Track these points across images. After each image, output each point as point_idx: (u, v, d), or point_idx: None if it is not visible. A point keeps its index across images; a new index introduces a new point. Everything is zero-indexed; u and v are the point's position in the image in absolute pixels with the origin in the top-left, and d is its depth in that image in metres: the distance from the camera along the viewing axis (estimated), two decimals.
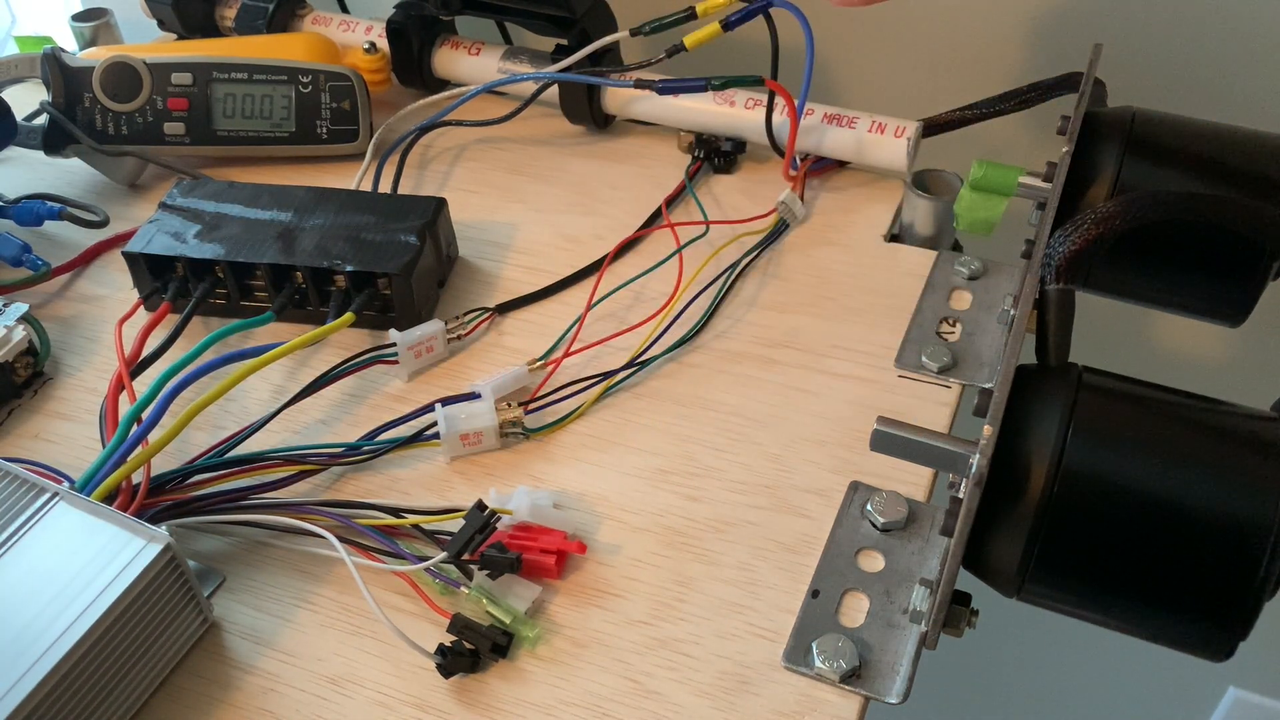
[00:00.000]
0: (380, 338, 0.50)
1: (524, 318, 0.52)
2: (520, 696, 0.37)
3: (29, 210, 0.57)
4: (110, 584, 0.35)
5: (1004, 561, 0.33)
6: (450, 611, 0.39)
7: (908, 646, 0.38)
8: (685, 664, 0.38)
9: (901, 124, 0.55)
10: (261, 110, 0.61)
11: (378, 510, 0.42)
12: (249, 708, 0.38)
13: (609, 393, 0.48)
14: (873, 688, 0.37)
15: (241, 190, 0.54)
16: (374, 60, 0.65)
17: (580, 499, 0.44)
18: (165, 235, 0.51)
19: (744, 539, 0.42)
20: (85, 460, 0.45)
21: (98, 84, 0.60)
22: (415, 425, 0.45)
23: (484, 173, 0.62)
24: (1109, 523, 0.32)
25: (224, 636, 0.40)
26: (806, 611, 0.39)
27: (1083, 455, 0.32)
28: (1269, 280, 0.41)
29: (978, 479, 0.31)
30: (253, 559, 0.42)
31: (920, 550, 0.41)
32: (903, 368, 0.47)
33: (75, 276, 0.57)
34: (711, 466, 0.44)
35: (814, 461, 0.44)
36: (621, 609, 0.40)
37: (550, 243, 0.56)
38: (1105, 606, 0.34)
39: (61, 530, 0.37)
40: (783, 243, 0.55)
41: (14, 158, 0.65)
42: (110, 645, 0.35)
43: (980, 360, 0.47)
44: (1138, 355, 0.73)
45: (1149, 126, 0.43)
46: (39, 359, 0.51)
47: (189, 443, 0.46)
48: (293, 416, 0.47)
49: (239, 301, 0.52)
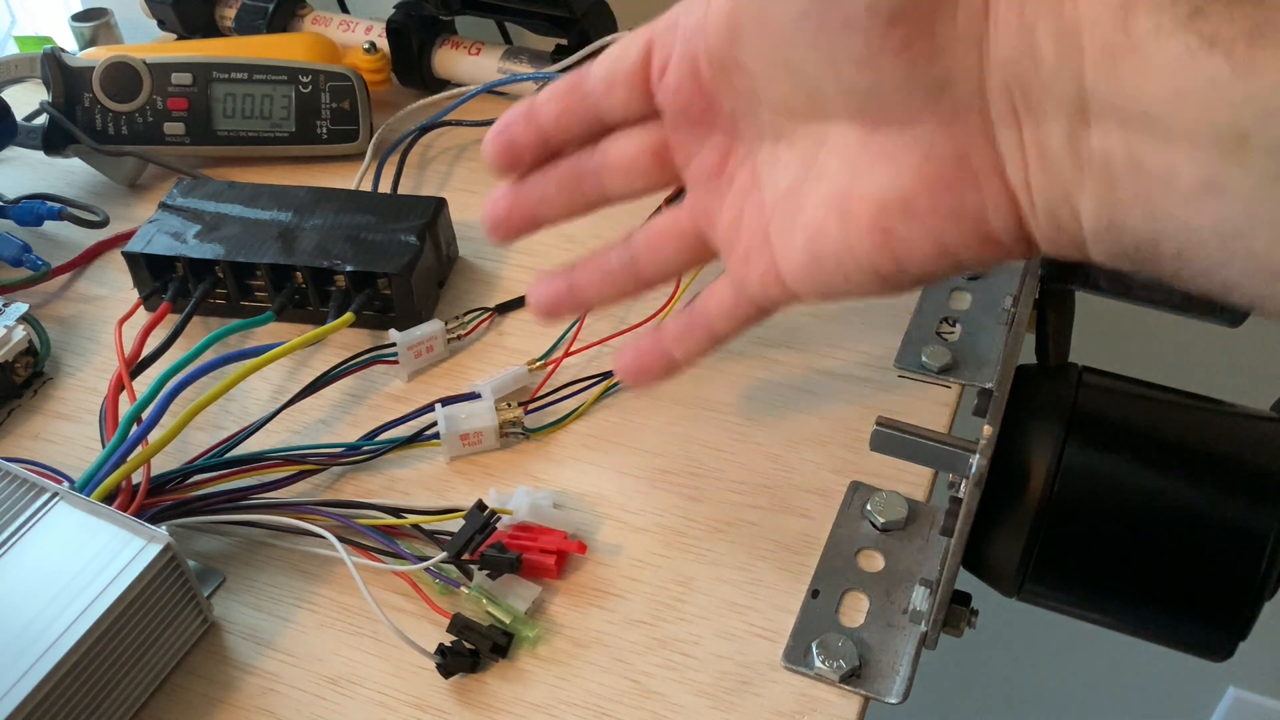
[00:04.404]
0: (380, 338, 0.50)
1: (524, 318, 0.52)
2: (520, 696, 0.37)
3: (29, 210, 0.57)
4: (110, 584, 0.35)
5: (1004, 561, 0.33)
6: (450, 611, 0.39)
7: (908, 646, 0.38)
8: (685, 664, 0.38)
9: None
10: (261, 110, 0.61)
11: (378, 510, 0.42)
12: (249, 708, 0.38)
13: (609, 393, 0.48)
14: (872, 688, 0.37)
15: (241, 190, 0.54)
16: (374, 60, 0.65)
17: (580, 499, 0.44)
18: (165, 235, 0.51)
19: (744, 539, 0.42)
20: (85, 460, 0.45)
21: (98, 84, 0.60)
22: (415, 425, 0.45)
23: (484, 173, 0.61)
24: (1109, 523, 0.32)
25: (224, 636, 0.40)
26: (806, 611, 0.39)
27: (1082, 455, 0.32)
28: None
29: (978, 479, 0.31)
30: (253, 559, 0.42)
31: (920, 550, 0.41)
32: (903, 368, 0.47)
33: (75, 276, 0.57)
34: (711, 466, 0.44)
35: (814, 461, 0.44)
36: (621, 609, 0.40)
37: (550, 243, 0.56)
38: (1105, 606, 0.34)
39: (61, 530, 0.37)
40: None
41: (14, 158, 0.65)
42: (110, 645, 0.35)
43: (980, 360, 0.47)
44: (1138, 355, 0.73)
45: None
46: (39, 359, 0.51)
47: (189, 443, 0.46)
48: (293, 416, 0.47)
49: (239, 301, 0.52)
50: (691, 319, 0.36)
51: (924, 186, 0.28)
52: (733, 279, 0.35)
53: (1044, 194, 0.26)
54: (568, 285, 0.38)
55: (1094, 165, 0.24)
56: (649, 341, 0.37)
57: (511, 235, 0.38)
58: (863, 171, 0.29)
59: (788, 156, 0.32)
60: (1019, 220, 0.27)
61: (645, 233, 0.37)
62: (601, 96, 0.35)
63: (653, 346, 0.37)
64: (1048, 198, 0.26)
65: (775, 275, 0.32)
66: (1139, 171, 0.24)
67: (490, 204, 0.37)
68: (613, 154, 0.36)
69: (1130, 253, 0.25)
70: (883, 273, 0.29)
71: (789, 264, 0.32)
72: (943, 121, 0.27)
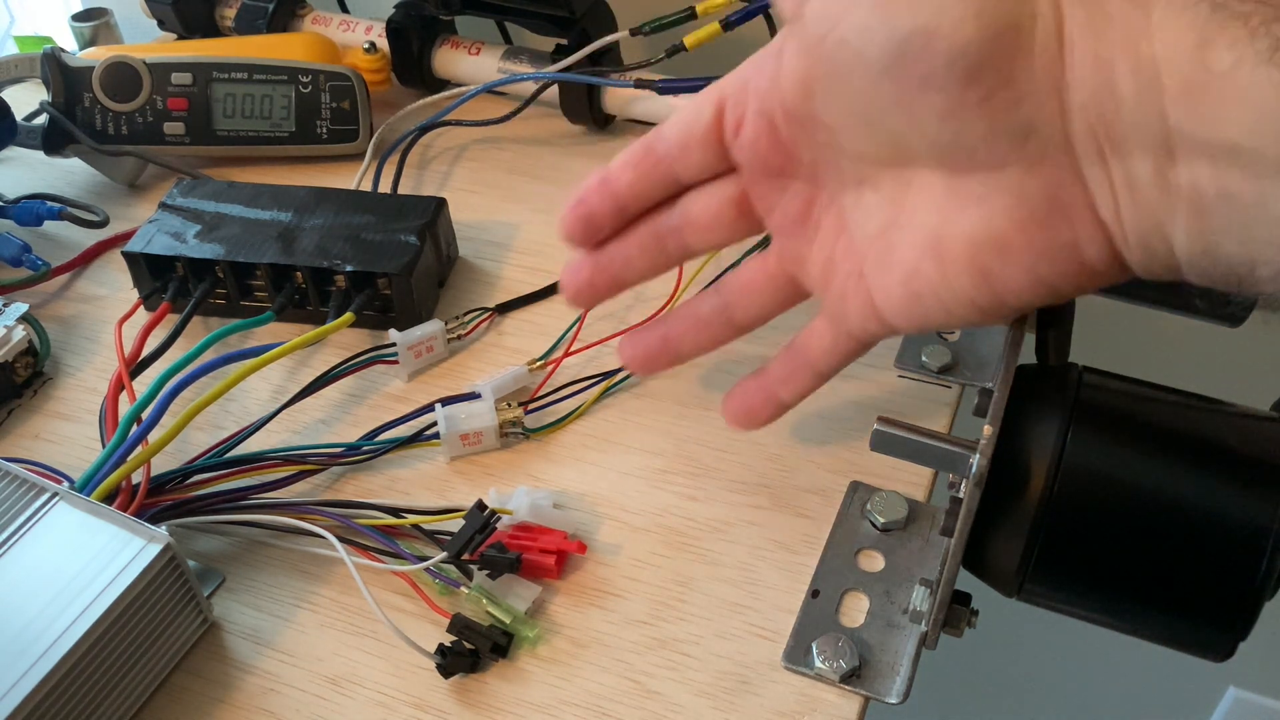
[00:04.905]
0: (380, 338, 0.50)
1: (524, 318, 0.52)
2: (520, 696, 0.37)
3: (29, 210, 0.57)
4: (110, 584, 0.35)
5: (1004, 561, 0.33)
6: (450, 611, 0.39)
7: (908, 646, 0.38)
8: (685, 664, 0.38)
9: None
10: (261, 110, 0.61)
11: (378, 510, 0.42)
12: (249, 708, 0.38)
13: (609, 393, 0.48)
14: (873, 688, 0.37)
15: (241, 190, 0.54)
16: (374, 60, 0.65)
17: (580, 499, 0.44)
18: (165, 235, 0.51)
19: (744, 539, 0.42)
20: (85, 460, 0.45)
21: (98, 84, 0.60)
22: (415, 425, 0.45)
23: (484, 173, 0.62)
24: (1109, 523, 0.31)
25: (224, 636, 0.40)
26: (806, 611, 0.39)
27: (1083, 455, 0.32)
28: None
29: (978, 479, 0.31)
30: (253, 559, 0.42)
31: (920, 550, 0.41)
32: (903, 368, 0.47)
33: (75, 276, 0.57)
34: (711, 466, 0.44)
35: (814, 461, 0.44)
36: (621, 609, 0.40)
37: (550, 243, 0.56)
38: (1105, 606, 0.34)
39: (61, 530, 0.37)
40: None
41: (14, 158, 0.65)
42: (110, 645, 0.35)
43: (980, 360, 0.47)
44: (1138, 355, 0.73)
45: None
46: (39, 359, 0.51)
47: (189, 443, 0.46)
48: (293, 416, 0.47)
49: (239, 301, 0.52)
50: (794, 361, 0.37)
51: (1017, 227, 0.28)
52: (830, 318, 0.35)
53: (1136, 225, 0.26)
54: (661, 338, 0.39)
55: (1184, 197, 0.25)
56: (755, 385, 0.38)
57: (594, 302, 0.39)
58: (953, 214, 0.29)
59: (873, 199, 0.32)
60: (1113, 251, 0.27)
61: (735, 280, 0.37)
62: (677, 159, 0.35)
63: (759, 389, 0.38)
64: (1140, 229, 0.26)
65: (874, 313, 0.33)
66: (1230, 202, 0.24)
67: (570, 273, 0.38)
68: (694, 211, 0.36)
69: (1226, 275, 0.25)
70: (982, 306, 0.30)
71: (887, 302, 0.32)
72: (1030, 164, 0.27)
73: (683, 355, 0.39)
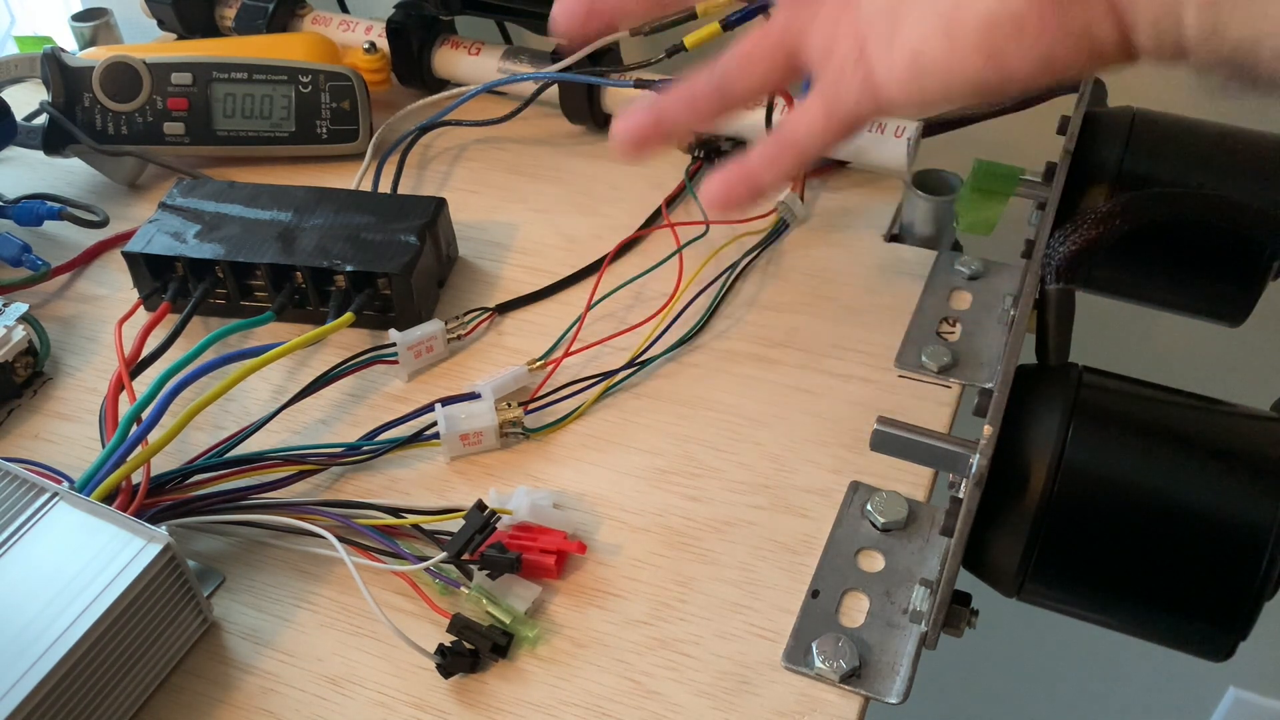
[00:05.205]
0: (380, 338, 0.50)
1: (524, 318, 0.52)
2: (520, 696, 0.37)
3: (29, 210, 0.57)
4: (110, 584, 0.35)
5: (1004, 561, 0.33)
6: (450, 611, 0.39)
7: (908, 646, 0.38)
8: (685, 664, 0.38)
9: (901, 124, 0.55)
10: (261, 110, 0.61)
11: (378, 510, 0.42)
12: (249, 708, 0.38)
13: (609, 393, 0.48)
14: (873, 688, 0.37)
15: (241, 190, 0.54)
16: (374, 60, 0.65)
17: (580, 499, 0.44)
18: (165, 235, 0.51)
19: (744, 539, 0.42)
20: (85, 460, 0.45)
21: (98, 84, 0.60)
22: (415, 425, 0.45)
23: (484, 173, 0.62)
24: (1109, 523, 0.32)
25: (224, 636, 0.40)
26: (806, 611, 0.39)
27: (1083, 455, 0.32)
28: (1269, 280, 0.41)
29: (978, 479, 0.31)
30: (253, 559, 0.42)
31: (920, 550, 0.41)
32: (903, 368, 0.47)
33: (75, 276, 0.57)
34: (711, 466, 0.44)
35: (814, 461, 0.44)
36: (621, 609, 0.40)
37: (550, 243, 0.56)
38: (1105, 606, 0.34)
39: (61, 530, 0.37)
40: (783, 243, 0.55)
41: (14, 158, 0.65)
42: (110, 645, 0.35)
43: (980, 360, 0.47)
44: (1138, 355, 0.73)
45: (1150, 126, 0.43)
46: (39, 359, 0.51)
47: (189, 443, 0.46)
48: (293, 416, 0.47)
49: (239, 301, 0.52)
50: (779, 142, 0.37)
51: (1032, 6, 0.29)
52: (824, 96, 0.35)
53: (1148, 5, 0.27)
54: (654, 114, 0.38)
55: None
56: (735, 167, 0.37)
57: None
58: None
59: None
60: (1124, 33, 0.28)
61: (733, 55, 0.37)
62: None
63: (740, 171, 0.37)
64: (1152, 9, 0.27)
65: (872, 89, 0.33)
66: None
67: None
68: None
69: (1230, 57, 0.26)
70: (987, 87, 0.30)
71: (889, 79, 0.32)
72: None
73: (676, 131, 0.39)
